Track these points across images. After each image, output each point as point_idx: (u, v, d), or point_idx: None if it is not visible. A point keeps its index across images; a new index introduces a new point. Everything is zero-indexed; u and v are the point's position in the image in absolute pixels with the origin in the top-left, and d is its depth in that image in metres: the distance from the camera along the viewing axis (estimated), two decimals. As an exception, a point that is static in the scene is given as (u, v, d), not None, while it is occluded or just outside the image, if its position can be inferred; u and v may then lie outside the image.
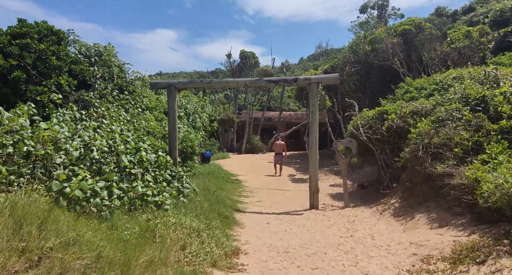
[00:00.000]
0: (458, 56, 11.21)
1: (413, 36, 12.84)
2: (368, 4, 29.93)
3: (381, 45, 13.13)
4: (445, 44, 11.84)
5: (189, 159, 12.21)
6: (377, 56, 13.15)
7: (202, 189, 8.73)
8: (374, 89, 14.35)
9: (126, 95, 11.76)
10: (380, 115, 8.98)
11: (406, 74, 11.99)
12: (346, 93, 15.25)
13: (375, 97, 14.36)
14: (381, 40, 13.31)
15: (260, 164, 19.55)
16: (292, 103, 43.68)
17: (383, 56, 12.80)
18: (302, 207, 9.20)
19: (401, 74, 12.11)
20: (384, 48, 12.80)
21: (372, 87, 14.49)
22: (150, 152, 8.01)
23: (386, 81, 13.62)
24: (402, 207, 6.77)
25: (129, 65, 13.37)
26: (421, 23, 13.32)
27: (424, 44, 12.07)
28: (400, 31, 13.33)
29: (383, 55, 12.78)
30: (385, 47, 12.71)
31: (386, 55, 12.63)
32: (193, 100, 18.67)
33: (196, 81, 9.31)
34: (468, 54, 11.12)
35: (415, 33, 12.85)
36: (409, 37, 12.99)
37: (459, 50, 11.24)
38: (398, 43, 12.53)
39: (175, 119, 9.48)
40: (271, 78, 9.02)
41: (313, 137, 8.85)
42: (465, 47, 11.20)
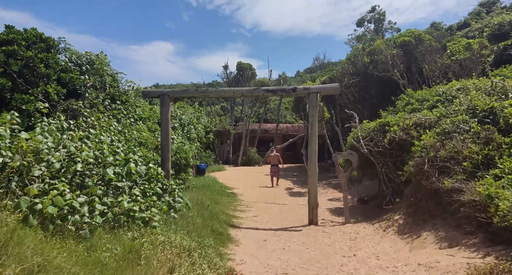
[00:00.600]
0: (459, 68, 11.01)
1: (413, 47, 12.68)
2: (365, 17, 30.09)
3: (380, 57, 12.95)
4: (445, 56, 11.67)
5: (183, 171, 11.80)
6: (376, 68, 12.94)
7: (196, 203, 8.30)
8: (373, 101, 14.12)
9: (118, 105, 11.41)
10: (381, 127, 8.66)
11: (406, 85, 11.76)
12: (345, 105, 14.98)
13: (374, 109, 14.10)
14: (380, 51, 13.13)
15: (256, 177, 19.11)
16: (289, 115, 43.51)
17: (383, 67, 12.58)
18: (300, 222, 8.77)
19: (401, 86, 11.88)
20: (384, 60, 12.61)
21: (371, 99, 14.25)
22: (140, 164, 7.63)
23: (386, 93, 13.39)
24: (407, 224, 6.37)
25: (122, 75, 13.06)
26: (420, 35, 13.19)
27: (424, 56, 11.88)
28: (399, 42, 13.18)
29: (383, 66, 12.57)
30: (384, 58, 12.52)
31: (385, 66, 12.42)
32: (189, 111, 18.34)
33: (191, 90, 8.98)
34: (470, 66, 10.93)
35: (415, 45, 12.70)
36: (408, 49, 12.82)
37: (460, 62, 11.05)
38: (398, 55, 12.34)
39: (168, 130, 9.11)
40: (269, 87, 8.72)
41: (312, 149, 8.49)
42: (466, 59, 11.02)
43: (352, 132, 10.09)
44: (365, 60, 14.40)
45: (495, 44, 13.54)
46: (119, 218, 4.53)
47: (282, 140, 28.81)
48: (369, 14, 29.89)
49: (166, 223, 5.55)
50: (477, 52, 11.48)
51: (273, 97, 33.95)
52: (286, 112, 43.16)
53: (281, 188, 15.39)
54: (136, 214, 4.79)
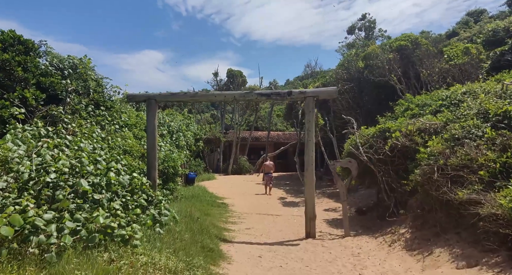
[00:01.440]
0: (459, 73, 10.71)
1: (409, 52, 12.36)
2: (356, 25, 30.06)
3: (376, 61, 12.59)
4: (443, 61, 11.37)
5: (171, 180, 11.13)
6: (372, 72, 12.58)
7: (184, 215, 7.66)
8: (368, 107, 13.74)
9: (103, 111, 10.75)
10: (381, 133, 8.20)
11: (404, 90, 11.40)
12: (339, 111, 14.57)
13: (370, 115, 13.71)
14: (376, 56, 12.79)
15: (248, 186, 18.49)
16: (279, 123, 43.11)
17: (379, 72, 12.22)
18: (297, 235, 8.19)
19: (399, 91, 11.52)
20: (380, 64, 12.24)
21: (366, 105, 13.87)
22: (124, 173, 6.99)
23: (381, 99, 13.03)
24: (415, 239, 5.85)
25: (107, 80, 12.43)
26: (417, 39, 12.91)
27: (422, 60, 11.56)
28: (396, 46, 12.86)
29: (379, 71, 12.20)
30: (380, 63, 12.15)
31: (382, 71, 12.06)
32: (178, 118, 17.71)
33: (179, 93, 8.40)
34: (470, 70, 10.63)
35: (411, 49, 12.39)
36: (405, 53, 12.50)
37: (459, 66, 10.76)
38: (395, 59, 11.99)
39: (155, 136, 8.49)
40: (262, 91, 8.21)
41: (309, 157, 7.97)
42: (466, 64, 10.73)
43: (349, 139, 9.61)
44: (359, 65, 14.06)
45: (490, 50, 13.36)
46: (94, 236, 3.90)
47: (273, 148, 28.29)
48: (359, 22, 29.88)
49: (150, 240, 4.91)
50: (476, 57, 11.23)
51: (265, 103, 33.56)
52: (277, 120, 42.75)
53: (274, 197, 14.79)
54: (115, 231, 4.16)
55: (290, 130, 38.62)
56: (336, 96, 8.00)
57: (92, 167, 5.94)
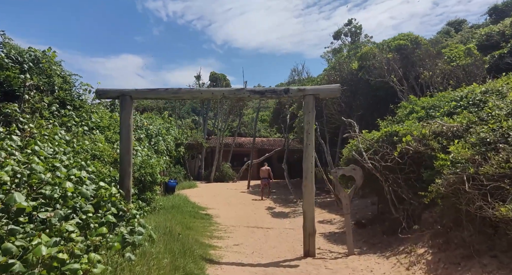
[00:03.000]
0: (464, 74, 10.07)
1: (409, 51, 11.67)
2: (342, 30, 29.65)
3: (372, 62, 11.83)
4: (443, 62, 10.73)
5: (149, 189, 9.91)
6: (369, 73, 11.79)
7: (163, 232, 6.49)
8: (362, 111, 12.94)
9: (69, 111, 9.47)
10: (388, 138, 7.32)
11: (405, 92, 10.65)
12: (331, 115, 13.75)
13: (364, 120, 12.94)
14: (373, 56, 12.03)
15: (232, 195, 17.35)
16: (263, 129, 42.19)
17: (378, 73, 11.44)
18: (293, 253, 7.16)
19: (399, 93, 10.76)
20: (377, 65, 11.47)
21: (359, 108, 13.08)
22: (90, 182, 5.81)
23: (377, 102, 12.29)
24: (439, 262, 4.91)
25: (76, 77, 11.14)
26: (417, 38, 12.25)
27: (423, 61, 10.88)
28: (394, 46, 12.14)
29: (378, 72, 11.43)
30: (379, 63, 11.37)
31: (381, 72, 11.29)
32: (157, 122, 16.44)
33: (160, 89, 7.28)
34: (475, 72, 10.01)
35: (411, 49, 11.70)
36: (405, 53, 11.81)
37: (463, 68, 10.12)
38: (394, 59, 11.23)
39: (130, 139, 7.32)
40: (256, 88, 7.23)
41: (309, 163, 6.99)
42: (469, 65, 10.12)
43: (349, 144, 8.71)
44: (352, 67, 13.31)
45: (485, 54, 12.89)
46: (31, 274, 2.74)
47: (257, 154, 27.25)
48: (346, 27, 29.48)
49: (116, 272, 3.76)
50: (479, 58, 10.64)
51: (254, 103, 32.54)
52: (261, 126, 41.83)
53: (261, 207, 13.73)
54: (65, 266, 3.00)
55: (274, 136, 37.79)
56: (339, 94, 7.09)
57: (49, 175, 4.78)
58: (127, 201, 7.11)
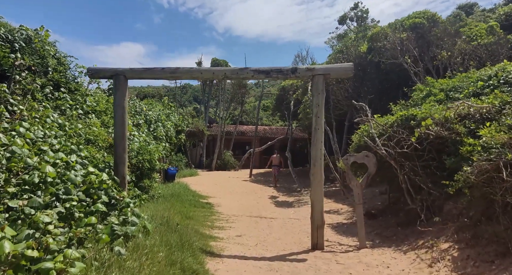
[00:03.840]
0: (487, 53, 9.40)
1: (426, 30, 10.92)
2: (348, 15, 28.72)
3: (384, 43, 11.13)
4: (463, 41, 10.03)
5: (146, 177, 9.43)
6: (381, 55, 11.10)
7: (160, 222, 6.01)
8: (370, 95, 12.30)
9: (64, 93, 8.93)
10: (404, 122, 6.75)
11: (421, 74, 9.99)
12: (337, 101, 13.13)
13: (372, 105, 12.32)
14: (385, 36, 11.31)
15: (234, 183, 16.88)
16: (265, 118, 41.54)
17: (391, 54, 10.76)
18: (299, 245, 6.68)
19: (413, 75, 10.11)
20: (389, 46, 10.75)
21: (368, 94, 12.44)
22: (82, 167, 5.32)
23: (388, 86, 11.66)
24: (469, 259, 4.39)
25: (72, 59, 10.55)
26: (434, 16, 11.45)
27: (441, 40, 10.15)
28: (409, 25, 11.36)
29: (391, 53, 10.73)
30: (391, 44, 10.66)
31: (394, 53, 10.60)
32: (157, 107, 15.88)
33: (156, 68, 6.70)
34: (499, 50, 9.33)
35: (428, 27, 10.96)
36: (420, 32, 11.07)
37: (486, 46, 9.45)
38: (409, 38, 10.48)
39: (125, 122, 6.77)
40: (260, 68, 6.63)
41: (318, 150, 6.44)
42: (492, 44, 9.44)
43: (359, 130, 8.15)
44: (361, 49, 12.63)
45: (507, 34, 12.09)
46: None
47: (259, 143, 26.72)
48: (351, 11, 28.54)
49: (101, 268, 3.26)
50: (503, 36, 9.95)
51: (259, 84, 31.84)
52: (263, 115, 41.17)
53: (265, 196, 13.26)
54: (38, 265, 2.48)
55: (276, 124, 37.20)
56: (352, 74, 6.48)
57: (36, 159, 4.30)
58: (122, 189, 6.62)
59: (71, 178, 4.56)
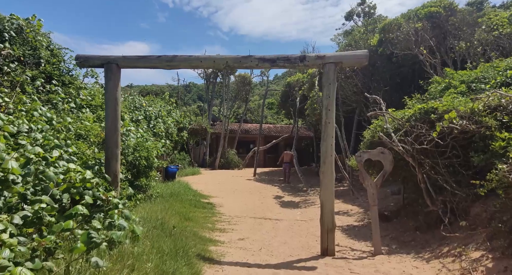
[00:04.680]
0: (510, 43, 8.73)
1: (443, 19, 10.23)
2: (355, 10, 27.97)
3: (396, 34, 10.45)
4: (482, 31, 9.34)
5: (144, 175, 8.89)
6: (395, 46, 10.41)
7: (153, 225, 5.44)
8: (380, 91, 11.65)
9: (55, 86, 8.42)
10: (423, 116, 6.13)
11: (438, 65, 9.32)
12: (346, 97, 12.52)
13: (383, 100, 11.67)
14: (398, 26, 10.62)
15: (237, 182, 16.30)
16: (270, 116, 40.90)
17: (405, 45, 10.08)
18: (307, 250, 6.09)
19: (429, 68, 9.44)
20: (402, 37, 10.05)
21: (378, 89, 11.80)
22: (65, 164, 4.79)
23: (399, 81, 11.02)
24: (507, 271, 3.77)
25: (67, 50, 10.05)
26: (452, 4, 10.73)
27: (460, 29, 9.48)
28: (424, 14, 10.65)
29: (405, 44, 10.06)
30: (405, 35, 9.96)
31: (408, 44, 9.93)
32: (158, 104, 15.36)
33: (151, 56, 6.14)
34: (525, 40, 8.68)
35: (445, 17, 10.27)
36: (436, 22, 10.39)
37: (509, 36, 8.77)
38: (425, 28, 9.77)
39: (117, 115, 6.22)
40: (266, 55, 6.04)
41: (328, 145, 5.85)
42: (518, 33, 8.78)
43: (372, 125, 7.54)
44: (370, 43, 11.99)
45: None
46: None
47: (264, 141, 26.10)
48: (359, 7, 27.78)
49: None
50: (528, 26, 9.29)
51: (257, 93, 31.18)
52: (267, 113, 40.53)
53: (269, 196, 12.67)
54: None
55: (281, 122, 36.55)
56: (366, 62, 5.87)
57: (13, 154, 3.78)
58: (114, 188, 6.08)
59: (48, 176, 4.02)
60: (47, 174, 4.05)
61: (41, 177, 4.09)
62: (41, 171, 4.14)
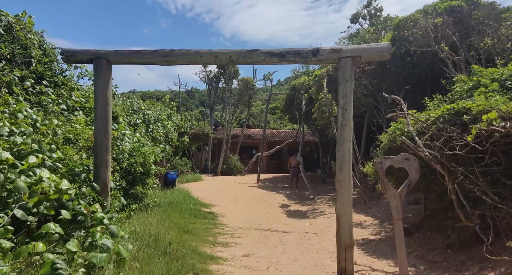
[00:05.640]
0: None
1: (466, 14, 9.51)
2: (360, 13, 27.40)
3: (413, 31, 9.73)
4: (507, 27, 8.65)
5: (140, 183, 8.18)
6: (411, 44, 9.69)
7: (146, 242, 4.72)
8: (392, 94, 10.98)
9: (46, 87, 7.80)
10: (453, 117, 5.42)
11: (462, 63, 8.60)
12: (355, 99, 11.83)
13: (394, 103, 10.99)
14: (414, 23, 9.90)
15: (240, 189, 15.56)
16: (273, 121, 40.20)
17: (423, 42, 9.37)
18: (321, 270, 5.37)
19: (451, 66, 8.72)
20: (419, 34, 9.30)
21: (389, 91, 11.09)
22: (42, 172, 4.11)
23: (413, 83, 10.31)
24: None
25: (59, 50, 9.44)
26: None
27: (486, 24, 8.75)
28: (444, 8, 9.92)
29: (423, 41, 9.35)
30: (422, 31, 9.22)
31: (427, 40, 9.20)
32: (158, 107, 14.73)
33: (146, 51, 5.48)
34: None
35: (468, 11, 9.56)
36: (458, 17, 9.68)
37: None
38: (445, 23, 9.04)
39: (108, 117, 5.55)
40: (274, 49, 5.38)
41: (345, 151, 5.13)
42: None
43: (390, 128, 6.84)
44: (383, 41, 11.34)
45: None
46: None
47: (267, 147, 25.39)
48: (364, 9, 27.21)
49: None
50: (559, 20, 8.57)
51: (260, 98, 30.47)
52: (271, 118, 39.84)
53: (274, 204, 11.93)
54: None
55: (284, 128, 35.87)
56: (389, 56, 5.19)
57: None
58: (103, 198, 5.38)
59: (17, 186, 3.35)
60: (16, 185, 3.38)
61: (10, 188, 3.43)
62: (11, 180, 3.48)
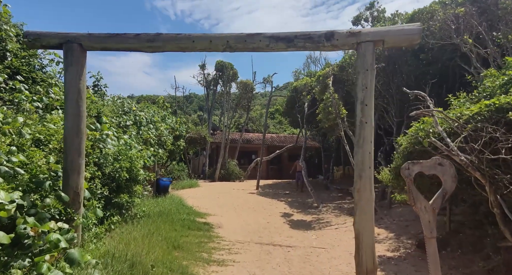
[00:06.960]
0: None
1: (491, 3, 8.66)
2: (362, 15, 26.67)
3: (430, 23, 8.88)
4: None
5: (126, 190, 7.25)
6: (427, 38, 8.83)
7: (120, 268, 3.79)
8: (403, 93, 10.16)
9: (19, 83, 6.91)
10: (493, 115, 4.54)
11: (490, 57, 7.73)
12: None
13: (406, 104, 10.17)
14: (432, 14, 9.04)
15: (239, 196, 14.61)
16: (272, 126, 39.32)
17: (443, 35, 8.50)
18: (336, 298, 4.43)
19: (474, 60, 7.86)
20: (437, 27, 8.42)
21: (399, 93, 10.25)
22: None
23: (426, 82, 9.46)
24: None
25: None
26: None
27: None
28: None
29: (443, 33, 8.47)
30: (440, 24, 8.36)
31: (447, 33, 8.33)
32: (151, 109, 13.83)
33: (127, 35, 4.61)
34: None
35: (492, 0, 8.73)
36: (482, 6, 8.85)
37: None
38: (469, 13, 8.18)
39: (81, 113, 4.66)
40: (280, 33, 4.53)
41: (366, 154, 4.25)
42: None
43: (411, 129, 5.96)
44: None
45: None
46: None
47: (267, 152, 24.49)
48: (366, 11, 26.49)
49: None
50: None
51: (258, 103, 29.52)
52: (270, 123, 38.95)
53: (276, 213, 10.99)
54: None
55: (284, 132, 35.01)
56: (419, 40, 4.31)
57: None
58: (74, 210, 4.48)
59: None
60: None
61: None
62: None
